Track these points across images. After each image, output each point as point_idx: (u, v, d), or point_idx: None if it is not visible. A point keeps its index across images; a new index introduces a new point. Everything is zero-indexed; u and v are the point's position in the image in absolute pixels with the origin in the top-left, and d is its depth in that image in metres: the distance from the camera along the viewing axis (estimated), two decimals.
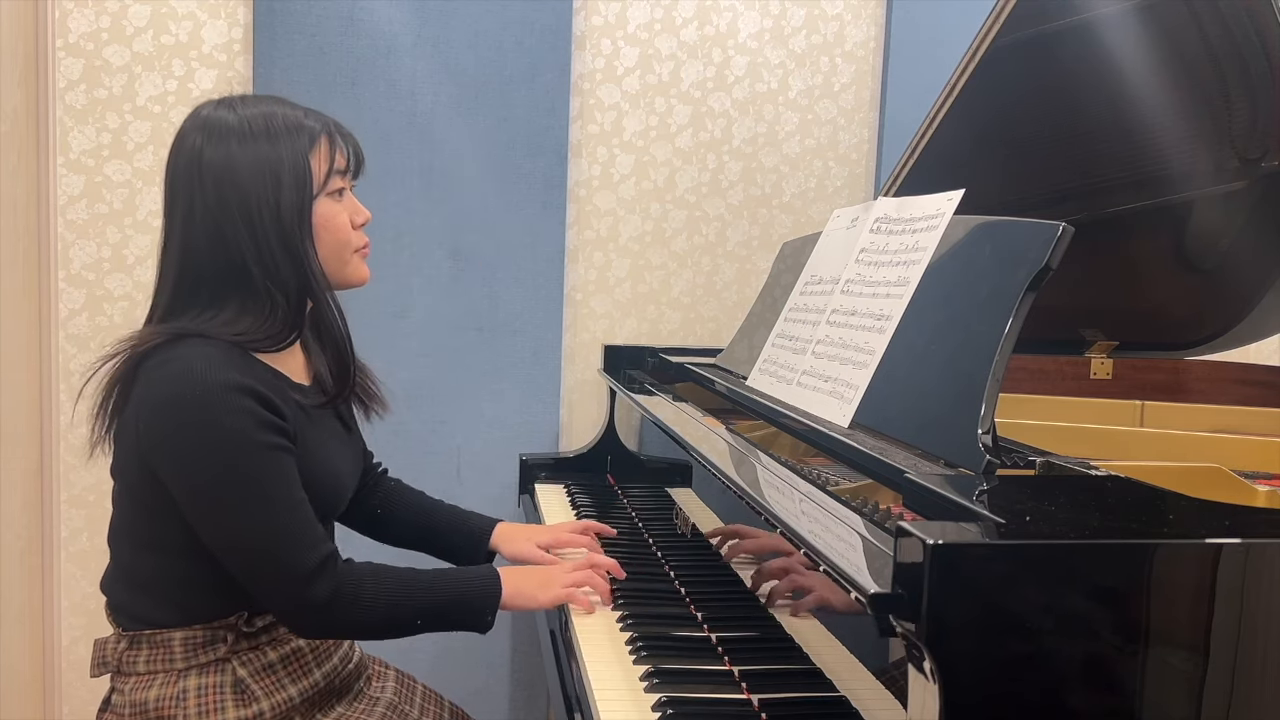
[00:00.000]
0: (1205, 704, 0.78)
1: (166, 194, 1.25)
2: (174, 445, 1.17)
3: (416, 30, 2.22)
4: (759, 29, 2.39)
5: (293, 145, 1.23)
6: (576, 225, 2.37)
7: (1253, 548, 0.79)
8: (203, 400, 1.15)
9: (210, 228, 1.21)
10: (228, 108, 1.24)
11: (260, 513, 1.18)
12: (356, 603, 1.23)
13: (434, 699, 1.52)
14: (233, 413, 1.15)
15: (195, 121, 1.24)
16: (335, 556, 1.23)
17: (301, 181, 1.22)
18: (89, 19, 2.16)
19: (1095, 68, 1.64)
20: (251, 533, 1.18)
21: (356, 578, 1.24)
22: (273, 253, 1.21)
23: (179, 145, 1.24)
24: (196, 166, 1.22)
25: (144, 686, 1.25)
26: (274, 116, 1.24)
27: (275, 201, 1.21)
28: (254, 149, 1.21)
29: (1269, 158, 1.55)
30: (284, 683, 1.28)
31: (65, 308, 2.21)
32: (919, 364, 1.21)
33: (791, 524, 1.00)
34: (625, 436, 2.12)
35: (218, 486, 1.17)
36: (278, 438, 1.19)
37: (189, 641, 1.25)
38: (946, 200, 1.33)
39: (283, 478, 1.19)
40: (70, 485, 2.25)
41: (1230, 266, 1.71)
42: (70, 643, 2.28)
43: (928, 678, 0.74)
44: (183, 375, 1.16)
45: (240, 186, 1.20)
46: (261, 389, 1.19)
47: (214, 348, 1.19)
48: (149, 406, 1.19)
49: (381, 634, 1.29)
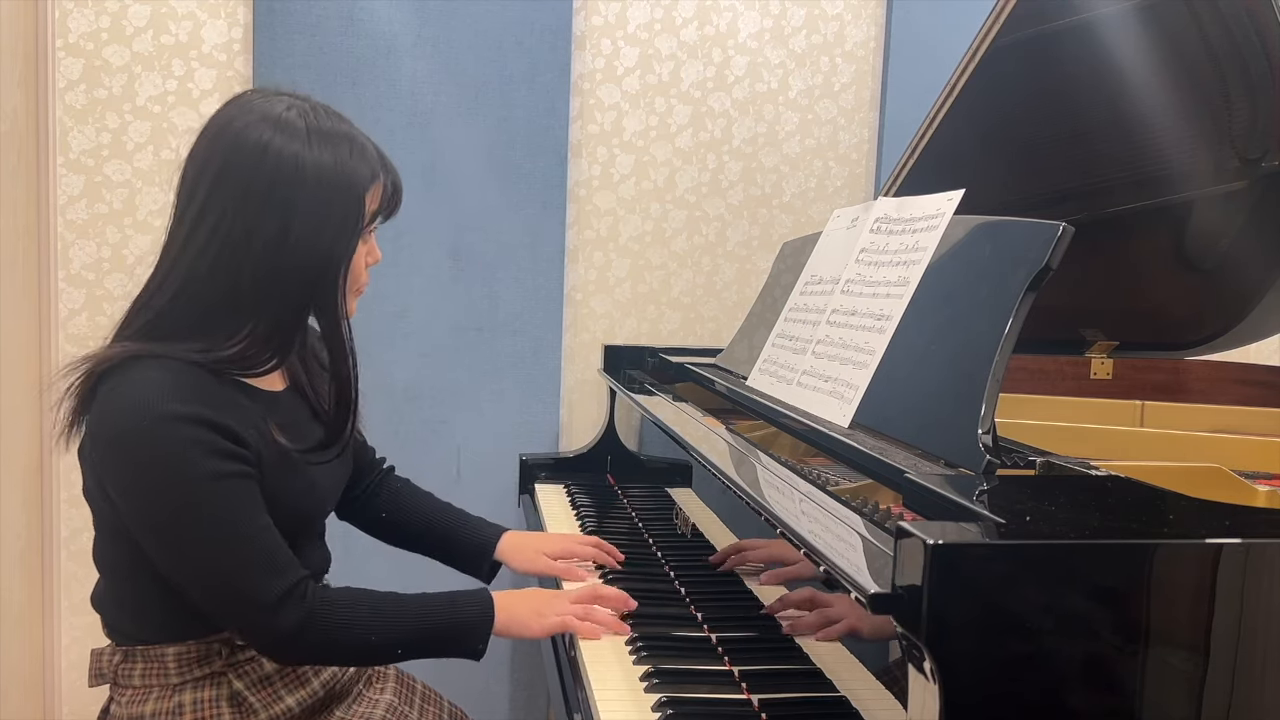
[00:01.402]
0: (1205, 704, 0.78)
1: (190, 174, 1.16)
2: (124, 481, 1.13)
3: (417, 30, 2.22)
4: (759, 29, 2.39)
5: (357, 189, 1.17)
6: (576, 225, 2.37)
7: (1253, 548, 0.79)
8: (149, 433, 1.09)
9: (226, 253, 1.13)
10: (302, 130, 1.15)
11: (217, 545, 1.12)
12: (329, 632, 1.17)
13: (434, 699, 1.51)
14: (180, 443, 1.09)
15: (255, 115, 1.14)
16: (304, 583, 1.17)
17: (359, 212, 1.17)
18: (89, 19, 2.16)
19: (1095, 68, 1.64)
20: (210, 564, 1.13)
21: (329, 605, 1.18)
22: (290, 286, 1.15)
23: (223, 134, 1.14)
24: (238, 173, 1.13)
25: (140, 700, 1.24)
26: (353, 138, 1.18)
27: (327, 249, 1.15)
28: (321, 194, 1.14)
29: (1269, 158, 1.55)
30: (281, 694, 1.26)
31: (65, 308, 2.21)
32: (919, 364, 1.21)
33: (791, 524, 1.00)
34: (625, 436, 2.12)
35: (171, 521, 1.12)
36: (232, 464, 1.12)
37: (183, 656, 1.23)
38: (946, 200, 1.33)
39: (240, 506, 1.13)
40: (70, 485, 2.25)
41: (1230, 266, 1.71)
42: (70, 643, 2.28)
43: (928, 678, 0.74)
44: (130, 408, 1.10)
45: (287, 222, 1.13)
46: (213, 416, 1.11)
47: (167, 372, 1.11)
48: (100, 440, 1.14)
49: (360, 663, 1.27)
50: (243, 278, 1.14)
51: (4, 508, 2.06)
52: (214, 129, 1.17)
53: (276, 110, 1.15)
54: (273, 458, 1.19)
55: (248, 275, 1.14)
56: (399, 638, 1.22)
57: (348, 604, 1.21)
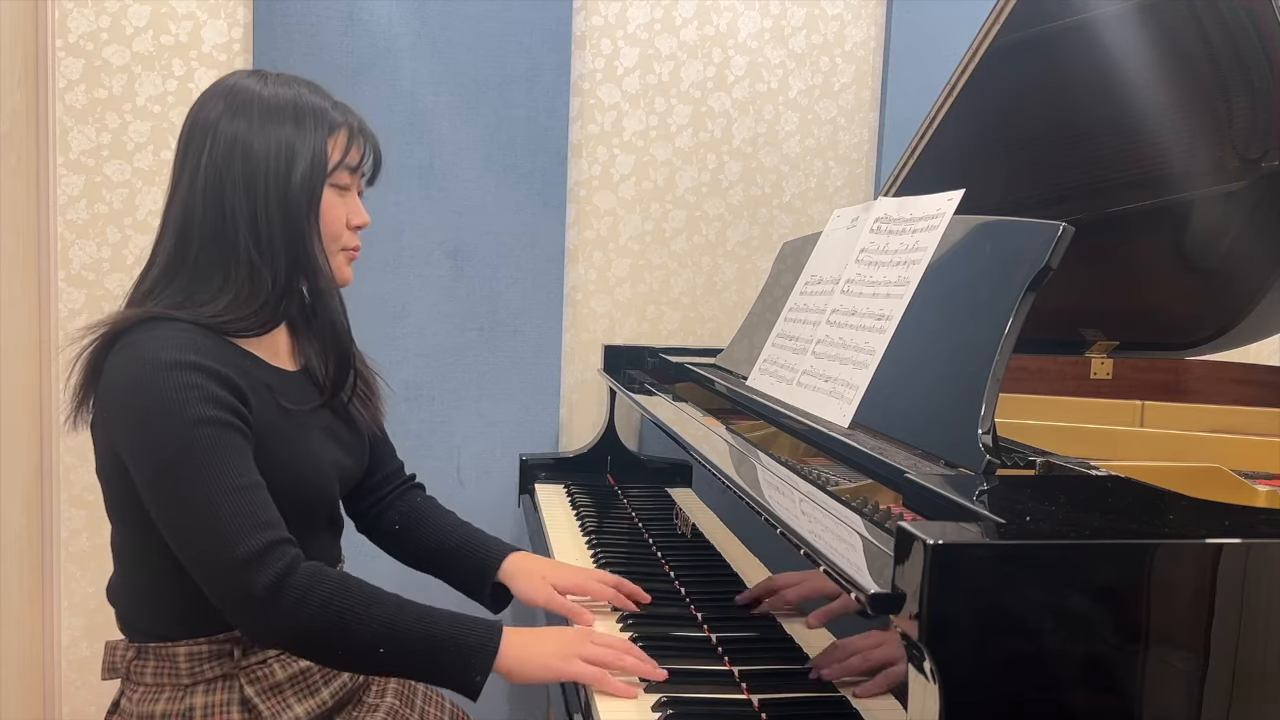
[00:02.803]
0: (1205, 704, 0.78)
1: (177, 154, 1.24)
2: (123, 421, 1.15)
3: (417, 30, 2.22)
4: (759, 29, 2.39)
5: (315, 127, 1.22)
6: (576, 225, 2.37)
7: (1253, 548, 0.79)
8: (150, 376, 1.12)
9: (212, 191, 1.19)
10: (258, 79, 1.23)
11: (198, 488, 1.10)
12: (305, 601, 1.10)
13: (434, 701, 1.50)
14: (177, 388, 1.11)
15: (220, 87, 1.23)
16: (284, 546, 1.12)
17: (318, 163, 1.21)
18: (89, 19, 2.16)
19: (1095, 68, 1.64)
20: (188, 509, 1.11)
21: (313, 573, 1.12)
22: (270, 225, 1.19)
23: (199, 107, 1.23)
24: (213, 127, 1.20)
25: (151, 699, 1.23)
26: (301, 97, 1.23)
27: (286, 175, 1.19)
28: (275, 123, 1.20)
29: (1269, 158, 1.55)
30: (290, 702, 1.24)
31: (65, 308, 2.21)
32: (919, 364, 1.21)
33: (791, 524, 1.00)
34: (625, 436, 2.12)
35: (161, 459, 1.12)
36: (226, 415, 1.13)
37: (194, 655, 1.22)
38: (946, 200, 1.33)
39: (228, 456, 1.12)
40: (70, 485, 2.25)
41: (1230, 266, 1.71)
42: (70, 643, 2.28)
43: (928, 678, 0.74)
44: (137, 358, 1.14)
45: (252, 155, 1.19)
46: (219, 368, 1.14)
47: (176, 330, 1.16)
48: (105, 389, 1.17)
49: (333, 650, 1.15)
50: (225, 223, 1.19)
51: (4, 508, 2.06)
52: (191, 108, 1.25)
53: (231, 80, 1.24)
54: (274, 419, 1.20)
55: (229, 220, 1.19)
56: (385, 634, 1.12)
57: (336, 582, 1.13)
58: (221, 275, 1.20)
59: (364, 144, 1.28)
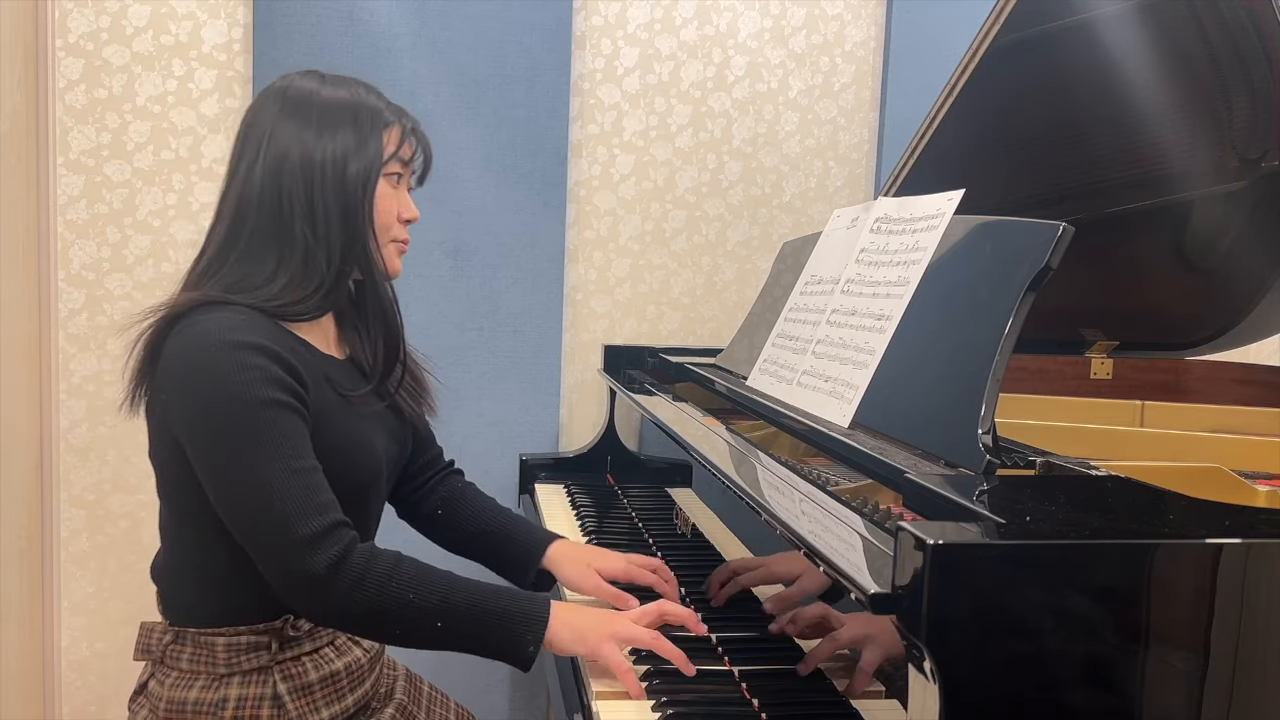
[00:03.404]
0: (1205, 704, 0.78)
1: (235, 149, 1.27)
2: (182, 403, 1.17)
3: (417, 30, 2.22)
4: (759, 29, 2.39)
5: (371, 121, 1.26)
6: (576, 225, 2.38)
7: (1253, 548, 0.79)
8: (213, 357, 1.14)
9: (270, 178, 1.23)
10: (316, 79, 1.27)
11: (259, 469, 1.13)
12: (362, 581, 1.13)
13: (440, 700, 1.51)
14: (240, 368, 1.14)
15: (276, 87, 1.28)
16: (343, 527, 1.15)
17: (374, 151, 1.25)
18: (89, 19, 2.16)
19: (1095, 67, 1.64)
20: (248, 491, 1.13)
21: (369, 555, 1.15)
22: (326, 208, 1.22)
23: (257, 105, 1.27)
24: (271, 123, 1.24)
25: (185, 685, 1.24)
26: (358, 95, 1.27)
27: (344, 161, 1.23)
28: (334, 114, 1.25)
29: (1269, 158, 1.55)
30: (319, 705, 1.25)
31: (65, 308, 2.21)
32: (919, 364, 1.21)
33: (791, 524, 1.00)
34: (625, 436, 2.12)
35: (221, 443, 1.14)
36: (287, 397, 1.16)
37: (232, 646, 1.23)
38: (946, 200, 1.33)
39: (287, 438, 1.14)
40: (70, 485, 2.25)
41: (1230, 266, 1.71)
42: (70, 643, 2.28)
43: (928, 678, 0.74)
44: (198, 337, 1.16)
45: (310, 144, 1.23)
46: (279, 350, 1.17)
47: (236, 314, 1.18)
48: (166, 369, 1.19)
49: (393, 628, 1.17)
50: (282, 206, 1.22)
51: (4, 508, 2.06)
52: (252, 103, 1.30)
53: (290, 78, 1.29)
54: (329, 403, 1.23)
55: (285, 202, 1.22)
56: (440, 610, 1.15)
57: (392, 560, 1.17)
58: (276, 258, 1.23)
59: (415, 142, 1.32)
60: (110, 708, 2.30)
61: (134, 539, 2.27)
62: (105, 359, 2.23)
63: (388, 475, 1.36)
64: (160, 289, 2.23)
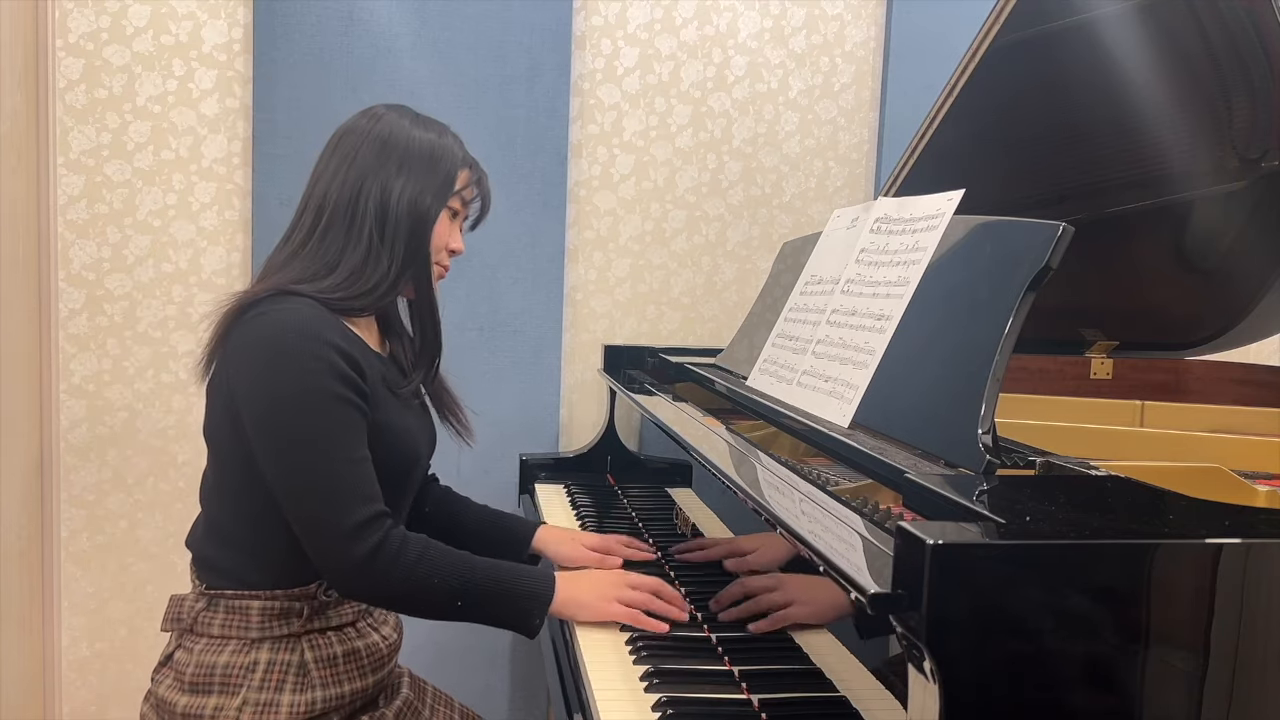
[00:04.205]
0: (1205, 704, 0.78)
1: (326, 152, 1.39)
2: (254, 386, 1.26)
3: (417, 30, 2.22)
4: (759, 29, 2.39)
5: (451, 158, 1.40)
6: (576, 225, 2.38)
7: (1253, 548, 0.79)
8: (289, 346, 1.24)
9: (354, 181, 1.34)
10: (409, 117, 1.40)
11: (320, 458, 1.23)
12: (395, 565, 1.24)
13: (444, 700, 1.53)
14: (314, 359, 1.24)
15: (377, 109, 1.41)
16: (384, 517, 1.25)
17: (448, 181, 1.39)
18: (89, 19, 2.16)
19: (1095, 67, 1.64)
20: (307, 475, 1.23)
21: (401, 541, 1.25)
22: (397, 217, 1.34)
23: (354, 120, 1.40)
24: (362, 138, 1.36)
25: (215, 649, 1.29)
26: (444, 137, 1.40)
27: (422, 182, 1.36)
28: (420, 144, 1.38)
29: (1269, 158, 1.55)
30: (341, 678, 1.32)
31: (65, 308, 2.21)
32: (919, 364, 1.21)
33: (791, 524, 1.00)
34: (625, 436, 2.12)
35: (287, 428, 1.23)
36: (352, 393, 1.26)
37: (267, 611, 1.30)
38: (946, 200, 1.33)
39: (347, 430, 1.25)
40: (70, 485, 2.25)
41: (1230, 266, 1.71)
42: (70, 642, 2.28)
43: (928, 678, 0.74)
44: (275, 324, 1.26)
45: (397, 161, 1.36)
46: (347, 347, 1.27)
47: (309, 307, 1.28)
48: (240, 348, 1.28)
49: (419, 605, 1.29)
50: (358, 205, 1.34)
51: (4, 508, 2.06)
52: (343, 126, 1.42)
53: (383, 107, 1.42)
54: (382, 395, 1.34)
55: (361, 216, 1.34)
56: (460, 587, 1.26)
57: (421, 544, 1.27)
58: (339, 252, 1.34)
59: (478, 190, 1.44)
60: (110, 708, 2.30)
61: (134, 539, 2.27)
62: (105, 359, 2.23)
63: (424, 465, 1.47)
64: (160, 289, 2.23)
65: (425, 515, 1.58)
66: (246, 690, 1.27)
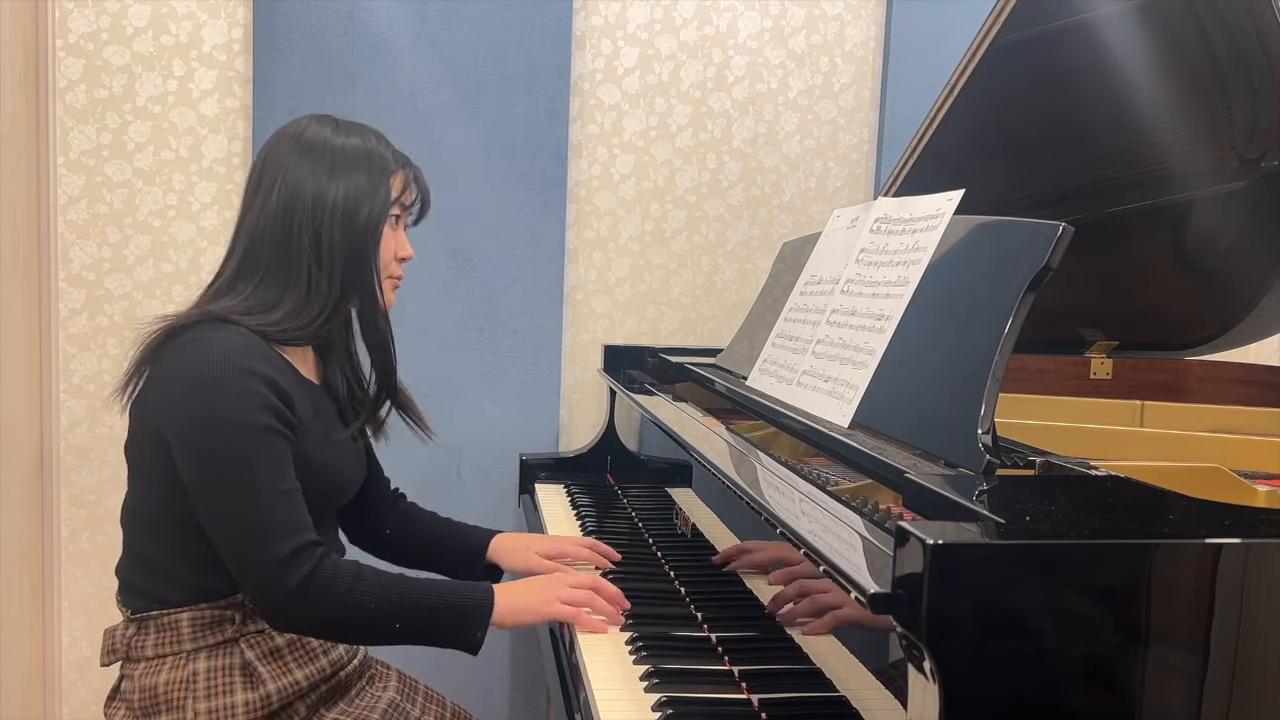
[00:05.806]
0: (1205, 704, 0.78)
1: (250, 183, 1.35)
2: (181, 414, 1.23)
3: (416, 30, 2.22)
4: (759, 29, 2.39)
5: (381, 168, 1.34)
6: (576, 225, 2.38)
7: (1253, 548, 0.79)
8: (214, 376, 1.22)
9: (284, 211, 1.30)
10: (330, 126, 1.35)
11: (247, 490, 1.21)
12: (329, 593, 1.22)
13: (435, 699, 1.53)
14: (240, 393, 1.21)
15: (294, 126, 1.35)
16: (314, 547, 1.23)
17: (383, 199, 1.34)
18: (89, 19, 2.16)
19: (1095, 67, 1.64)
20: (235, 508, 1.21)
21: (333, 568, 1.24)
22: (332, 243, 1.30)
23: (272, 146, 1.34)
24: (286, 162, 1.31)
25: (153, 671, 1.27)
26: (369, 143, 1.35)
27: (355, 203, 1.31)
28: (347, 159, 1.32)
29: (1269, 158, 1.55)
30: (290, 667, 1.30)
31: (65, 308, 2.21)
32: (919, 364, 1.21)
33: (791, 524, 1.00)
34: (625, 436, 2.12)
35: (213, 459, 1.22)
36: (278, 424, 1.24)
37: (196, 622, 1.28)
38: (946, 200, 1.33)
39: (274, 462, 1.23)
40: (70, 485, 2.25)
41: (1230, 266, 1.71)
42: (70, 643, 2.28)
43: (928, 678, 0.74)
44: (202, 353, 1.23)
45: (322, 185, 1.30)
46: (275, 377, 1.25)
47: (239, 335, 1.26)
48: (166, 377, 1.26)
49: (356, 634, 1.29)
50: (290, 242, 1.30)
51: (4, 508, 2.06)
52: (267, 143, 1.36)
53: (304, 124, 1.36)
54: (310, 424, 1.31)
55: (295, 240, 1.30)
56: (397, 611, 1.25)
57: (353, 572, 1.25)
58: (281, 287, 1.31)
59: (416, 189, 1.40)
60: None
61: None
62: (105, 359, 2.23)
63: (352, 493, 1.46)
64: (160, 289, 2.23)
65: (386, 539, 1.58)
66: (193, 702, 1.25)
